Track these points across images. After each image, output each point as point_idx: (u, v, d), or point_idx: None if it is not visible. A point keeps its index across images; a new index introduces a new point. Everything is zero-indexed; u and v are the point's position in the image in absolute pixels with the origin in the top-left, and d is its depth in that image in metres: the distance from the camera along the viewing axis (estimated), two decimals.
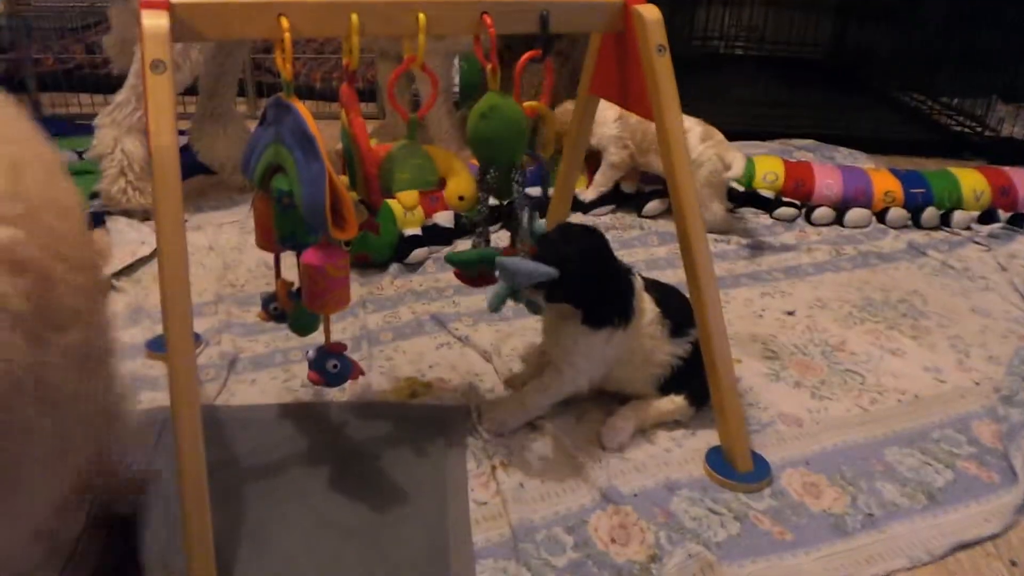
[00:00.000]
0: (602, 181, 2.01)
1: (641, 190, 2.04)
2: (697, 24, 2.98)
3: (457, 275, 1.17)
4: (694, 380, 1.18)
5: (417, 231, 1.74)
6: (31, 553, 0.71)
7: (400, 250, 1.70)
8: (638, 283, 1.16)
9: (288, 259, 1.12)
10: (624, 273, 1.14)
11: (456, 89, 2.55)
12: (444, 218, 1.80)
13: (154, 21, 0.88)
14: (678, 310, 1.19)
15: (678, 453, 1.16)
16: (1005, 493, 1.11)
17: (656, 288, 1.20)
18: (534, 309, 1.16)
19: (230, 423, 1.19)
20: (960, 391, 1.34)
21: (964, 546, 1.02)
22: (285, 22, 0.93)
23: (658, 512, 1.05)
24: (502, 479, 1.09)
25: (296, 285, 1.08)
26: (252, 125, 1.08)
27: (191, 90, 2.02)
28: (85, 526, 0.84)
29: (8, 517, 0.64)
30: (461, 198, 1.05)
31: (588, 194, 2.01)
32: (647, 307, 1.17)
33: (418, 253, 1.71)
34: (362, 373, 1.07)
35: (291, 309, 1.11)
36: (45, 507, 0.70)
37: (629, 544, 1.00)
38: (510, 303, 1.13)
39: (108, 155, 1.82)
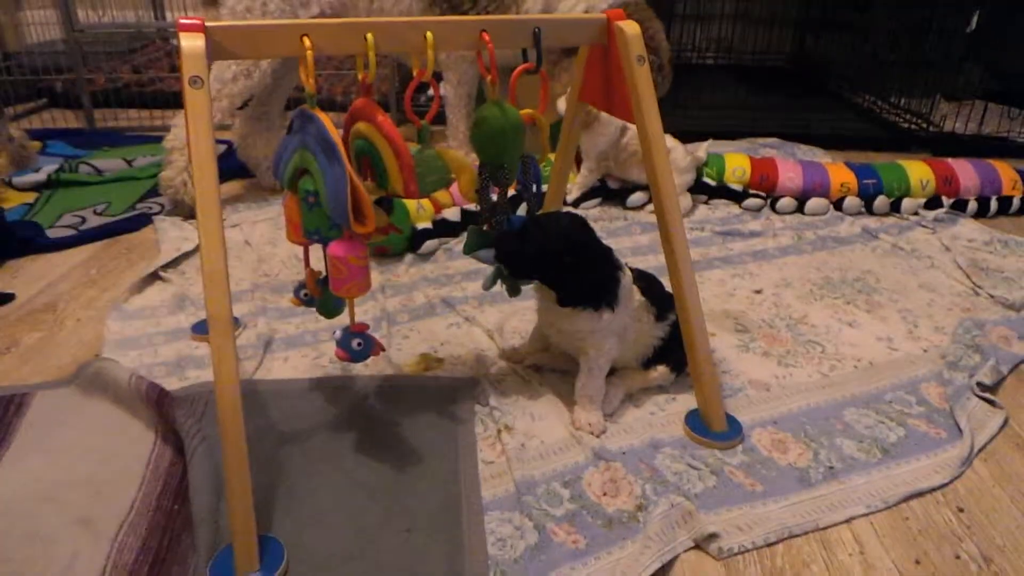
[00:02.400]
0: (584, 184, 2.01)
1: (625, 185, 2.03)
2: (672, 37, 2.95)
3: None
4: (672, 354, 1.19)
5: (428, 225, 1.74)
6: None
7: (414, 242, 1.70)
8: (626, 277, 1.13)
9: (316, 251, 1.12)
10: (609, 266, 1.10)
11: None
12: (452, 213, 1.79)
13: (191, 42, 0.88)
14: (659, 297, 1.18)
15: (661, 416, 1.16)
16: (951, 447, 1.11)
17: (641, 278, 1.19)
18: (512, 292, 1.15)
19: (266, 395, 1.19)
20: (910, 358, 1.34)
21: (916, 495, 1.02)
22: (307, 41, 0.92)
23: (644, 468, 1.05)
24: (507, 441, 1.09)
25: (323, 274, 1.08)
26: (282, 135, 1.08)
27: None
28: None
29: None
30: (477, 191, 1.05)
31: (572, 193, 2.01)
32: (636, 296, 1.16)
33: (429, 244, 1.71)
34: (383, 350, 1.07)
35: (319, 295, 1.11)
36: None
37: (619, 496, 1.00)
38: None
39: (179, 149, 1.85)
